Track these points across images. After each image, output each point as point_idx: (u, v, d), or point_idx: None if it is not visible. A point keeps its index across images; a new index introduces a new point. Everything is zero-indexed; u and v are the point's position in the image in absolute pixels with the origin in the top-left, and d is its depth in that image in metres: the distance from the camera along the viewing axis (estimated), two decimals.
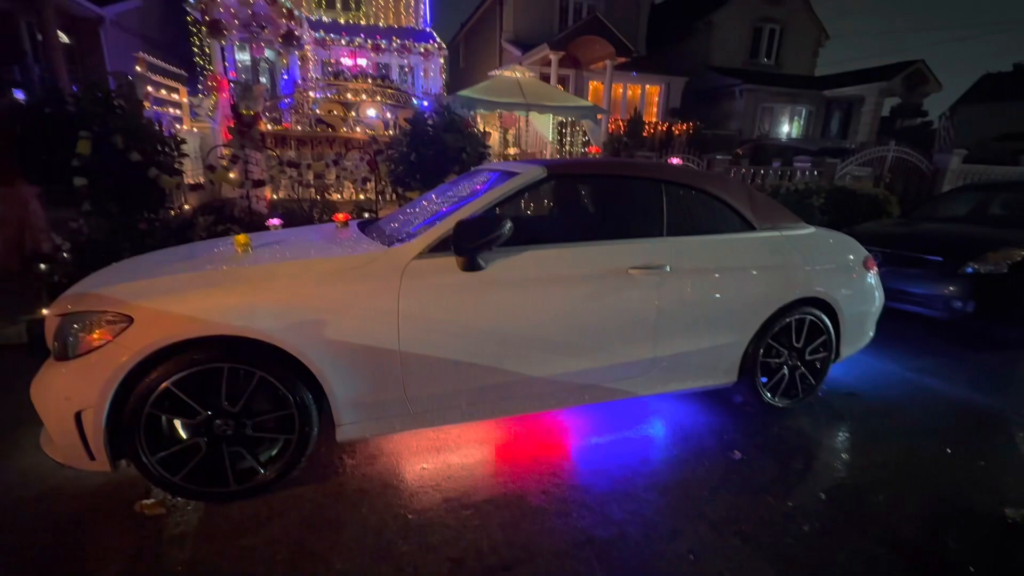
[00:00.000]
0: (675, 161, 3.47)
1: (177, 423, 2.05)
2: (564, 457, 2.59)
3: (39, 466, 2.36)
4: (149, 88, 6.73)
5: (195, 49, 12.79)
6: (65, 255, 4.30)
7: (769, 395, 3.05)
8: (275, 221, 3.43)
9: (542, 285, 2.39)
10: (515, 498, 2.26)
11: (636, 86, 17.48)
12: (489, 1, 17.95)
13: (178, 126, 7.49)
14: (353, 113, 8.73)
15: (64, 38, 10.98)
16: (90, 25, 11.57)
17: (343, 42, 13.93)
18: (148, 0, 13.13)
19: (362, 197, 7.02)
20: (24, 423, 2.67)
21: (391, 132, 7.95)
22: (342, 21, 14.79)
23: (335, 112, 8.43)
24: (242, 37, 12.24)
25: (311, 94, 9.04)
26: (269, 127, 7.78)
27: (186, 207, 6.04)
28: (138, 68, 6.87)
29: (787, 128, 19.64)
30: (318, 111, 8.64)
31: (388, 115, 9.24)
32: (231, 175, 5.05)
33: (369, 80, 10.35)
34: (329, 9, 14.93)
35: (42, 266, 4.14)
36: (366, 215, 5.57)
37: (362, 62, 14.11)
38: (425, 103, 8.57)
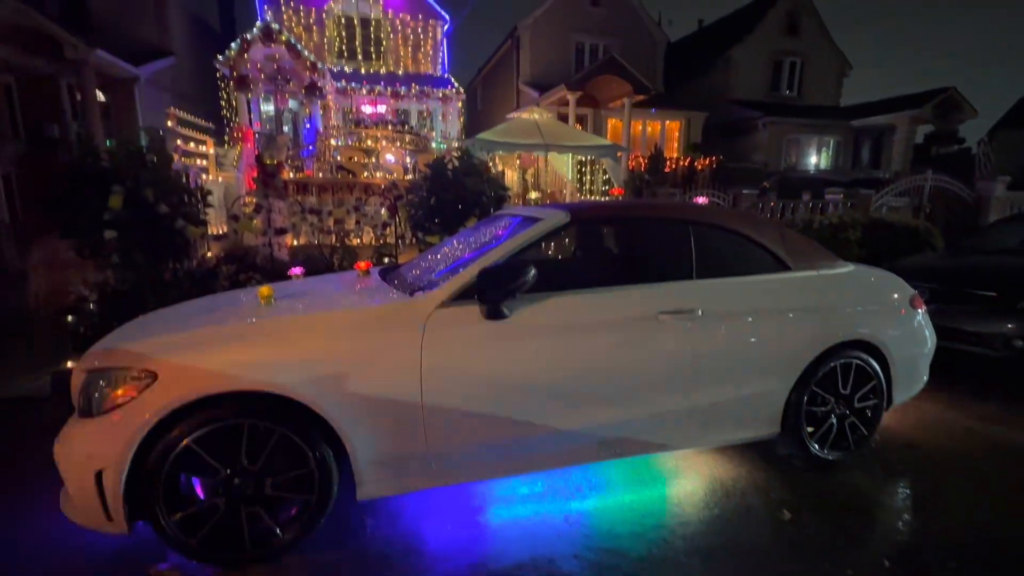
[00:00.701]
0: (701, 200, 3.49)
1: (196, 482, 2.06)
2: (596, 516, 2.49)
3: (57, 526, 2.38)
4: (179, 141, 7.17)
5: (223, 102, 13.67)
6: (91, 306, 4.49)
7: (817, 447, 2.92)
8: (297, 270, 3.53)
9: (568, 332, 2.39)
10: (545, 563, 2.17)
11: (656, 122, 17.85)
12: (506, 46, 18.85)
13: (204, 176, 7.92)
14: (373, 159, 9.09)
15: (101, 96, 11.88)
16: (125, 84, 12.52)
17: (364, 91, 14.72)
18: (180, 58, 14.21)
19: (381, 242, 7.22)
20: (45, 480, 2.72)
21: (411, 177, 8.24)
22: (363, 71, 15.68)
23: (356, 159, 8.79)
24: (267, 90, 13.05)
25: (332, 142, 9.48)
26: (291, 175, 8.15)
27: (208, 255, 6.29)
28: (169, 123, 7.36)
29: (815, 159, 19.64)
30: (339, 158, 9.03)
31: (408, 160, 9.60)
32: (255, 223, 5.27)
33: (389, 127, 10.83)
34: (350, 59, 15.89)
35: (69, 317, 4.31)
36: (386, 260, 5.69)
37: (382, 109, 14.84)
38: (444, 147, 8.90)
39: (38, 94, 11.74)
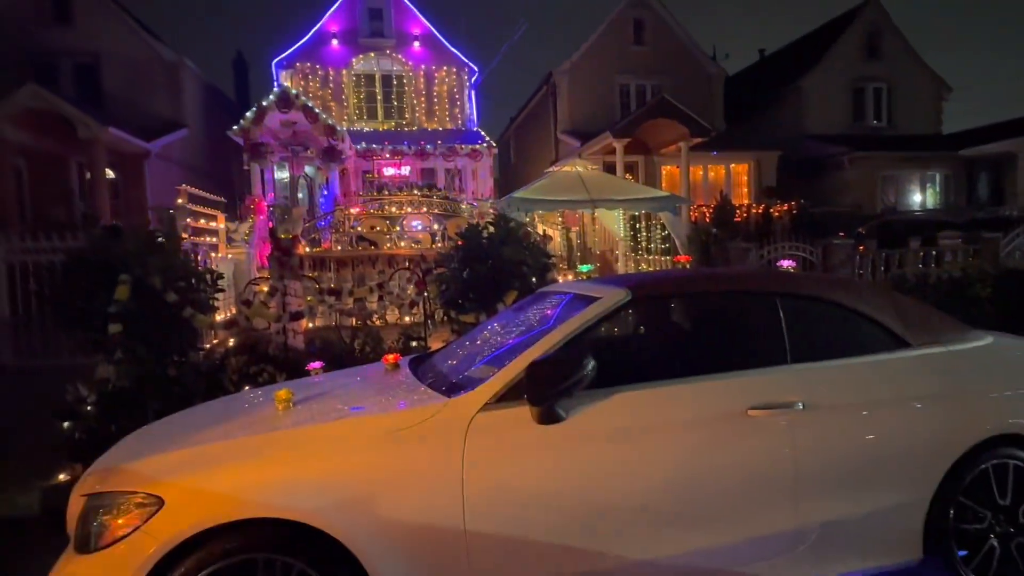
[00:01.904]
0: (786, 264, 3.45)
1: None
2: None
3: None
4: (189, 220, 7.77)
5: (235, 173, 14.88)
6: (89, 408, 4.71)
7: None
8: (316, 365, 3.65)
9: (638, 437, 2.34)
10: None
11: (719, 166, 18.09)
12: (540, 93, 19.93)
13: (213, 255, 8.48)
14: (397, 227, 9.54)
15: (110, 173, 13.17)
16: (136, 159, 13.90)
17: (386, 153, 15.73)
18: (192, 129, 15.73)
19: (408, 320, 7.38)
20: None
21: (439, 245, 8.57)
22: (383, 129, 16.84)
23: (378, 228, 9.24)
24: (283, 157, 14.15)
25: (352, 210, 10.04)
26: (307, 249, 8.61)
27: (215, 341, 6.58)
28: (179, 200, 8.01)
29: (919, 198, 19.23)
30: (359, 228, 9.52)
31: (435, 226, 10.02)
32: (269, 309, 5.53)
33: (415, 191, 11.44)
34: (370, 119, 17.15)
35: (64, 424, 4.52)
36: (414, 344, 5.79)
37: (405, 170, 15.74)
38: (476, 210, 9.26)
39: (46, 175, 13.17)
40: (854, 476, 2.51)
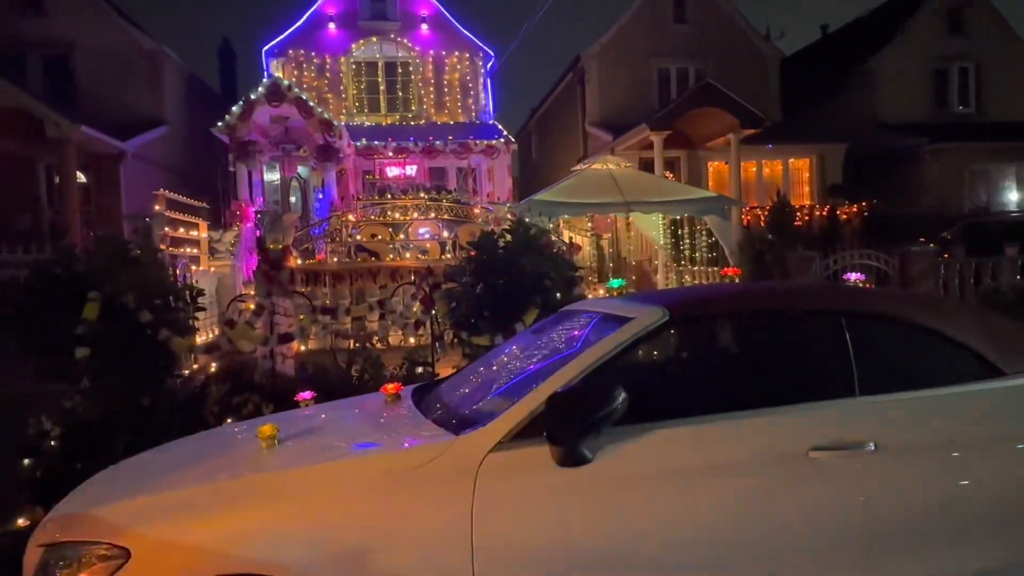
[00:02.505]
0: (853, 278, 3.40)
1: None
2: None
3: None
4: (167, 228, 7.95)
5: (219, 173, 15.20)
6: (52, 443, 4.81)
7: None
8: (306, 395, 3.69)
9: (679, 482, 2.31)
10: None
11: (775, 161, 17.95)
12: (566, 81, 20.06)
13: (194, 268, 8.65)
14: (401, 235, 9.64)
15: (82, 177, 13.55)
16: (110, 160, 14.30)
17: (390, 152, 15.90)
18: (172, 126, 16.13)
19: (413, 343, 7.42)
20: None
21: (449, 256, 8.62)
22: (386, 123, 17.06)
23: (379, 237, 9.35)
24: (273, 156, 14.42)
25: (350, 217, 10.19)
26: (299, 261, 8.74)
27: (194, 366, 6.68)
28: (157, 207, 8.21)
29: (1015, 196, 18.84)
30: (358, 236, 9.64)
31: (445, 234, 10.10)
32: (255, 331, 5.61)
33: (422, 194, 11.57)
34: (372, 112, 17.39)
35: (25, 461, 4.62)
36: (419, 370, 5.81)
37: (411, 170, 15.90)
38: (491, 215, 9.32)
39: (11, 179, 13.60)
40: (938, 532, 2.44)
